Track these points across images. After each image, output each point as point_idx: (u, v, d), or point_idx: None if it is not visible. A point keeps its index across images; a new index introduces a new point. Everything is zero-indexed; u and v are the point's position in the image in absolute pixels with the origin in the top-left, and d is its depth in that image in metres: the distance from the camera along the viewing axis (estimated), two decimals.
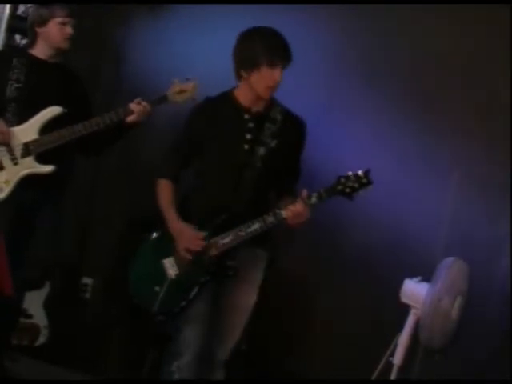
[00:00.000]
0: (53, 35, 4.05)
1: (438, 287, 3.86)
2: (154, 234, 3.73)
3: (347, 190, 3.46)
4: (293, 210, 3.47)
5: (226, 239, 3.57)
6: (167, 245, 3.63)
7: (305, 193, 3.48)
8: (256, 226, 3.53)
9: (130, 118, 3.99)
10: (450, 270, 3.90)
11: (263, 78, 3.52)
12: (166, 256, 3.64)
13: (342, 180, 3.47)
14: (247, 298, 3.72)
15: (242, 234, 3.55)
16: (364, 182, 3.46)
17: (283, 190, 3.69)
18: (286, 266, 4.62)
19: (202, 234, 3.57)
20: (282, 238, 3.91)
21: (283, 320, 4.71)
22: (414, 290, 3.98)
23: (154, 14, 5.04)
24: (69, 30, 4.06)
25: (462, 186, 4.27)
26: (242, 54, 3.55)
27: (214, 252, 3.58)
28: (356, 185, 3.46)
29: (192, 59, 4.74)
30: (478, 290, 4.03)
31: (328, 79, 4.66)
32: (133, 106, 3.98)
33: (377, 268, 4.42)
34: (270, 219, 3.52)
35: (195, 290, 3.60)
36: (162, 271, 3.64)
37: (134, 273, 3.72)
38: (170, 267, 3.64)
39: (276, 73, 3.52)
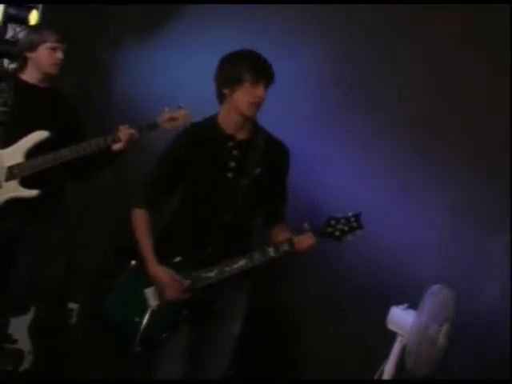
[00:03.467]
0: (42, 60, 4.05)
1: (424, 315, 3.84)
2: (134, 262, 3.65)
3: (337, 234, 3.49)
4: (303, 242, 3.48)
5: (210, 274, 3.52)
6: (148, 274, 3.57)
7: (307, 226, 3.49)
8: (242, 262, 3.50)
9: (117, 146, 3.98)
10: (437, 297, 3.88)
11: (246, 95, 3.51)
12: (148, 285, 3.58)
13: (332, 222, 3.49)
14: (230, 330, 3.70)
15: (228, 269, 3.51)
16: (354, 226, 3.49)
17: (271, 216, 3.69)
18: (274, 293, 4.60)
19: (187, 282, 3.51)
20: (270, 266, 3.89)
21: (270, 346, 4.69)
22: (400, 318, 3.96)
23: (144, 38, 5.05)
24: (59, 55, 4.07)
25: (450, 212, 4.28)
26: (225, 73, 3.54)
27: (197, 286, 3.52)
28: (346, 228, 3.48)
29: (182, 84, 4.75)
30: (465, 317, 4.02)
31: (316, 106, 4.64)
32: (121, 133, 3.97)
33: (363, 295, 4.40)
34: (257, 256, 3.50)
35: (177, 321, 3.54)
36: (142, 301, 3.57)
37: (114, 301, 3.65)
38: (152, 297, 3.57)
39: (259, 89, 3.50)
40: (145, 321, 3.54)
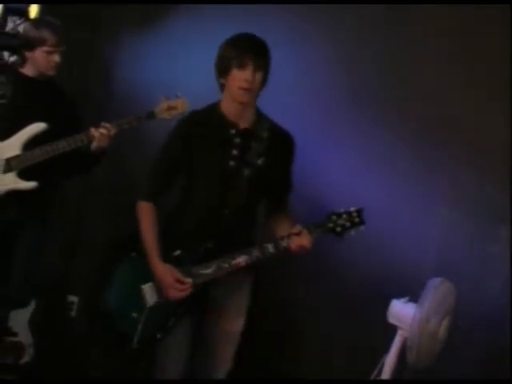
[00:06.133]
0: (39, 62, 4.04)
1: (425, 308, 3.83)
2: (134, 254, 3.56)
3: (338, 229, 3.39)
4: (297, 244, 3.38)
5: (209, 270, 3.44)
6: (147, 269, 3.48)
7: (299, 227, 3.41)
8: (241, 259, 3.42)
9: (93, 145, 3.94)
10: (438, 290, 3.87)
11: (234, 80, 3.42)
12: (146, 281, 3.50)
13: (333, 217, 3.39)
14: (233, 325, 3.62)
15: (226, 265, 3.43)
16: (356, 221, 3.40)
17: (274, 205, 3.62)
18: (276, 285, 4.60)
19: (188, 281, 3.43)
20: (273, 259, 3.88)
21: (272, 337, 4.68)
22: (401, 311, 3.95)
23: (142, 29, 5.03)
24: (56, 58, 4.03)
25: (451, 207, 4.27)
26: (217, 62, 3.49)
27: (195, 282, 3.45)
28: (347, 224, 3.39)
29: (180, 75, 4.73)
30: (465, 311, 4.01)
31: (321, 104, 4.63)
32: (93, 131, 3.93)
33: (364, 288, 4.40)
34: (256, 253, 3.42)
35: (174, 318, 3.48)
36: (140, 297, 3.50)
37: (112, 297, 3.57)
38: (149, 294, 3.49)
39: (246, 73, 3.39)
40: (143, 318, 3.48)
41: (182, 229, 3.53)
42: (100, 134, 3.91)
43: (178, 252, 3.50)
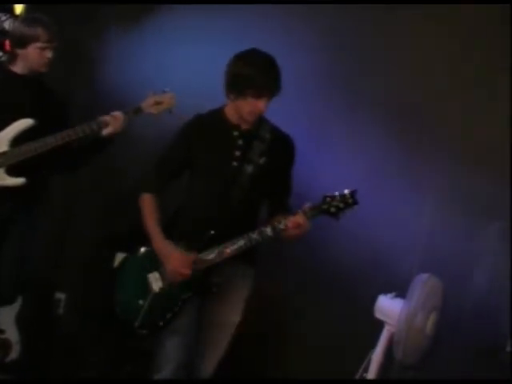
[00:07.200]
0: (31, 59, 4.02)
1: (412, 303, 3.86)
2: (142, 249, 3.71)
3: (332, 210, 3.47)
4: (293, 221, 3.47)
5: (211, 256, 3.57)
6: (153, 259, 3.63)
7: (306, 206, 3.48)
8: (241, 242, 3.54)
9: (106, 131, 3.96)
10: (425, 286, 3.90)
11: (248, 106, 3.53)
12: (151, 270, 3.64)
13: (328, 199, 3.48)
14: (231, 315, 3.71)
15: (227, 250, 3.55)
16: (350, 202, 3.47)
17: (275, 206, 3.70)
18: (262, 282, 4.60)
19: (191, 256, 3.55)
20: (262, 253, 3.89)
21: (257, 335, 4.69)
22: (388, 306, 3.99)
23: (129, 28, 5.03)
24: (48, 54, 4.02)
25: (437, 202, 4.29)
26: (231, 78, 3.54)
27: (198, 268, 3.56)
28: (341, 205, 3.46)
29: (167, 72, 4.73)
30: (452, 306, 4.03)
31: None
32: (108, 117, 3.95)
33: (351, 283, 4.42)
34: (255, 236, 3.53)
35: (178, 304, 3.60)
36: (146, 285, 3.63)
37: (119, 286, 3.72)
38: (155, 281, 3.63)
39: (261, 103, 3.52)
40: (147, 304, 3.61)
41: (189, 222, 3.66)
42: (118, 118, 3.95)
43: (183, 242, 3.62)
